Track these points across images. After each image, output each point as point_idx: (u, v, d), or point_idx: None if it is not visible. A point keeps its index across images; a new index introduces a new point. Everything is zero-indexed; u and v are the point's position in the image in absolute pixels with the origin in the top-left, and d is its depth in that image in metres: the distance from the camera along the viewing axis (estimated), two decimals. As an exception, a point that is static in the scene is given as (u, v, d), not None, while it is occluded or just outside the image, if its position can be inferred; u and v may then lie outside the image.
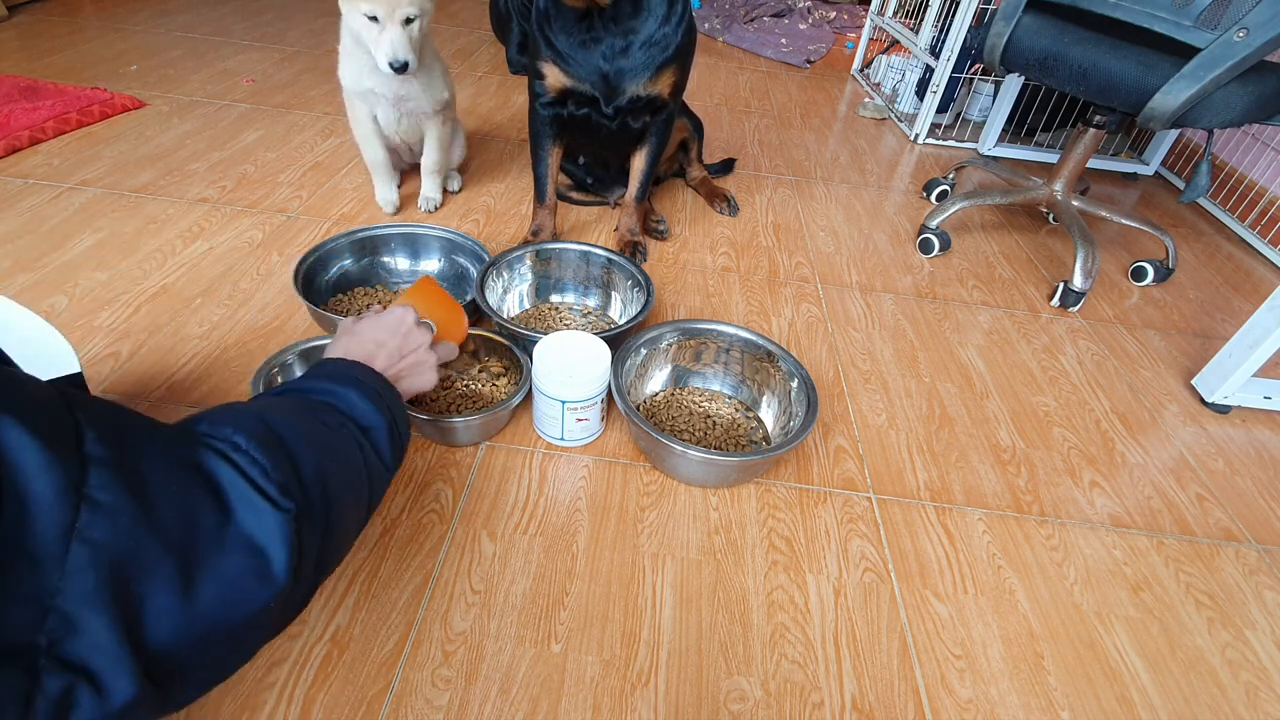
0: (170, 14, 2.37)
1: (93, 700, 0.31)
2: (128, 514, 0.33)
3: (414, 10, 1.10)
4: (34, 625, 0.29)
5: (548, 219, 1.28)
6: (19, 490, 0.29)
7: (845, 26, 3.15)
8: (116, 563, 0.32)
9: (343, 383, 0.56)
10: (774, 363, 0.95)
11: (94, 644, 0.31)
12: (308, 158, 1.55)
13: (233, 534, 0.38)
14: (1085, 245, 1.29)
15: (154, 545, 0.34)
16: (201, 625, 0.36)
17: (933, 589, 0.78)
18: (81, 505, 0.31)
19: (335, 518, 0.46)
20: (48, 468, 0.30)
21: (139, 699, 0.33)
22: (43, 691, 0.30)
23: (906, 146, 1.99)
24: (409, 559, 0.75)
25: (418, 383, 0.70)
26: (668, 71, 1.12)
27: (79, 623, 0.31)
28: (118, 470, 0.33)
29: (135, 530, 0.33)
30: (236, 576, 0.38)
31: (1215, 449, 1.03)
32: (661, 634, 0.71)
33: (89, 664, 0.31)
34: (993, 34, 1.28)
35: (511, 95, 2.03)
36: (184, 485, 0.37)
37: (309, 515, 0.43)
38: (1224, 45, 0.99)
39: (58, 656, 0.30)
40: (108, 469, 0.33)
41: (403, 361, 0.68)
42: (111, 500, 0.32)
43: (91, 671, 0.31)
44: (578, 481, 0.87)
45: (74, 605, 0.30)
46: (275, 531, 0.39)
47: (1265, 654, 0.76)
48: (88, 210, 1.28)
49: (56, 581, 0.30)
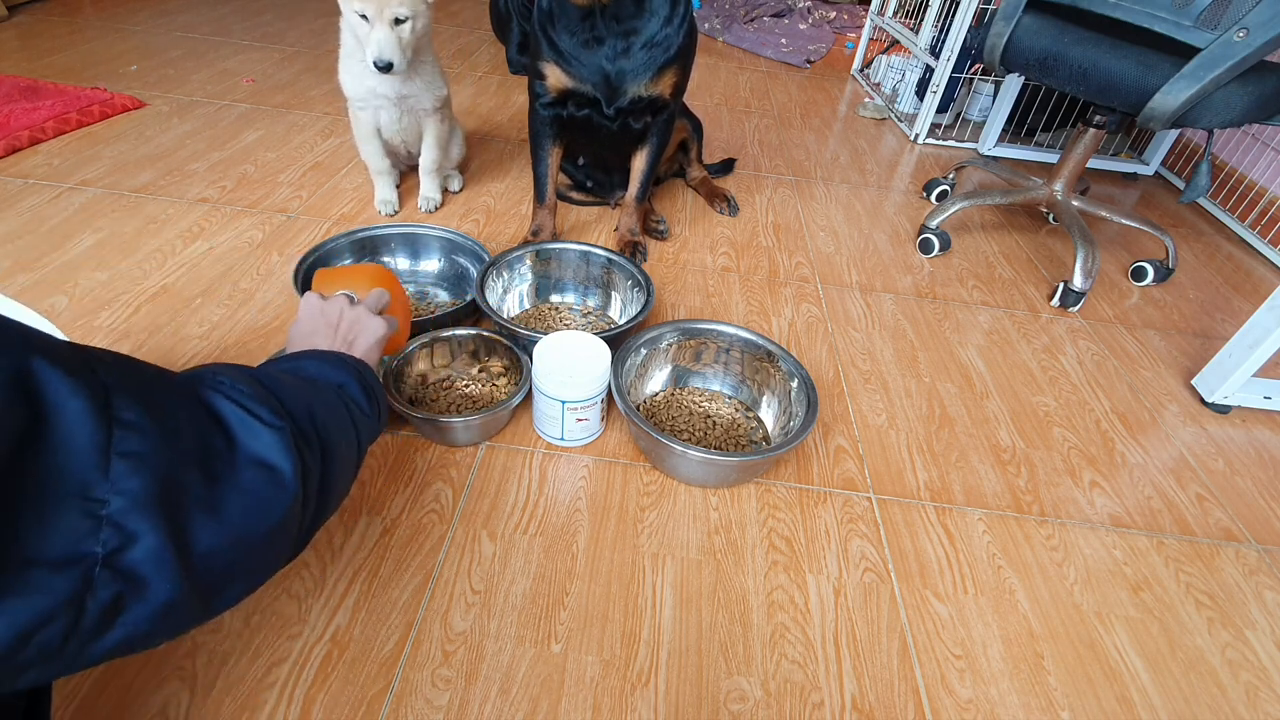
0: (170, 14, 2.37)
1: (138, 602, 0.34)
2: (154, 433, 0.35)
3: (404, 11, 1.10)
4: (90, 534, 0.32)
5: (548, 219, 1.28)
6: (57, 417, 0.32)
7: (845, 26, 3.15)
8: (155, 474, 0.35)
9: (298, 359, 0.59)
10: (774, 363, 0.95)
11: (145, 549, 0.34)
12: (308, 158, 1.55)
13: (241, 454, 0.41)
14: (1085, 245, 1.29)
15: (182, 460, 0.37)
16: (235, 533, 0.39)
17: (933, 589, 0.78)
18: (113, 424, 0.34)
19: (329, 446, 0.49)
20: (76, 394, 0.32)
21: (179, 599, 0.36)
22: (94, 595, 0.32)
23: (906, 146, 1.99)
24: (409, 559, 0.75)
25: (369, 337, 0.69)
26: (669, 72, 1.12)
27: (130, 530, 0.33)
28: (136, 396, 0.36)
29: (163, 447, 0.36)
30: (255, 487, 0.41)
31: (1215, 449, 1.03)
32: (661, 634, 0.71)
33: (139, 569, 0.34)
34: (993, 34, 1.28)
35: (511, 95, 2.03)
36: (192, 413, 0.40)
37: (302, 434, 0.46)
38: (1224, 45, 0.99)
39: (112, 565, 0.33)
40: (127, 394, 0.35)
41: (339, 331, 0.68)
42: (137, 419, 0.35)
43: (140, 576, 0.34)
44: (578, 481, 0.87)
45: (123, 515, 0.33)
46: (275, 446, 0.43)
47: (1265, 654, 0.76)
48: (88, 210, 1.28)
49: (105, 494, 0.33)
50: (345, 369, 0.59)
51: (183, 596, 0.36)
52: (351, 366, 0.60)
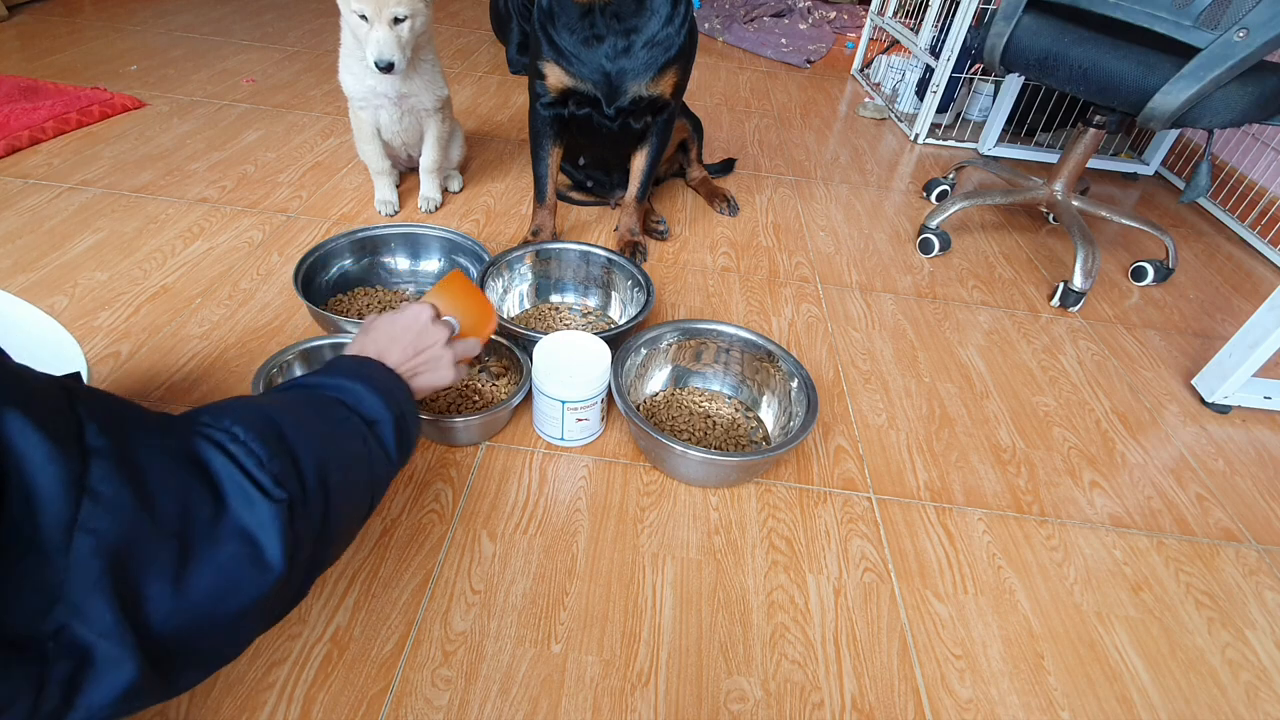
0: (170, 14, 2.37)
1: (96, 683, 0.33)
2: (128, 506, 0.34)
3: (403, 10, 1.10)
4: (43, 612, 0.31)
5: (548, 219, 1.28)
6: (25, 483, 0.30)
7: (845, 26, 3.15)
8: (117, 552, 0.33)
9: (351, 378, 0.57)
10: (774, 363, 0.95)
11: (97, 629, 0.32)
12: (308, 158, 1.55)
13: (226, 524, 0.39)
14: (1085, 245, 1.29)
15: (152, 536, 0.35)
16: (198, 611, 0.37)
17: (933, 589, 0.78)
18: (84, 498, 0.32)
19: (334, 510, 0.47)
20: (51, 461, 0.31)
21: (140, 682, 0.34)
22: (52, 675, 0.31)
23: (906, 146, 1.99)
24: (409, 559, 0.75)
25: (433, 379, 0.69)
26: (670, 72, 1.12)
27: (84, 609, 0.32)
28: (118, 462, 0.34)
29: (135, 521, 0.34)
30: (231, 565, 0.39)
31: (1215, 449, 1.03)
32: (661, 634, 0.71)
33: (93, 649, 0.32)
34: (993, 34, 1.28)
35: (511, 95, 2.03)
36: (180, 476, 0.38)
37: (305, 504, 0.44)
38: (1224, 45, 0.99)
39: (64, 641, 0.31)
40: (108, 461, 0.34)
41: (417, 358, 0.67)
42: (112, 493, 0.33)
43: (95, 655, 0.32)
44: (578, 481, 0.87)
45: (79, 593, 0.32)
46: (268, 521, 0.40)
47: (1265, 654, 0.76)
48: (88, 210, 1.28)
49: (62, 571, 0.31)
50: (389, 406, 0.57)
51: (142, 680, 0.34)
52: (396, 405, 0.58)
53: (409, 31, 1.13)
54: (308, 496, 0.44)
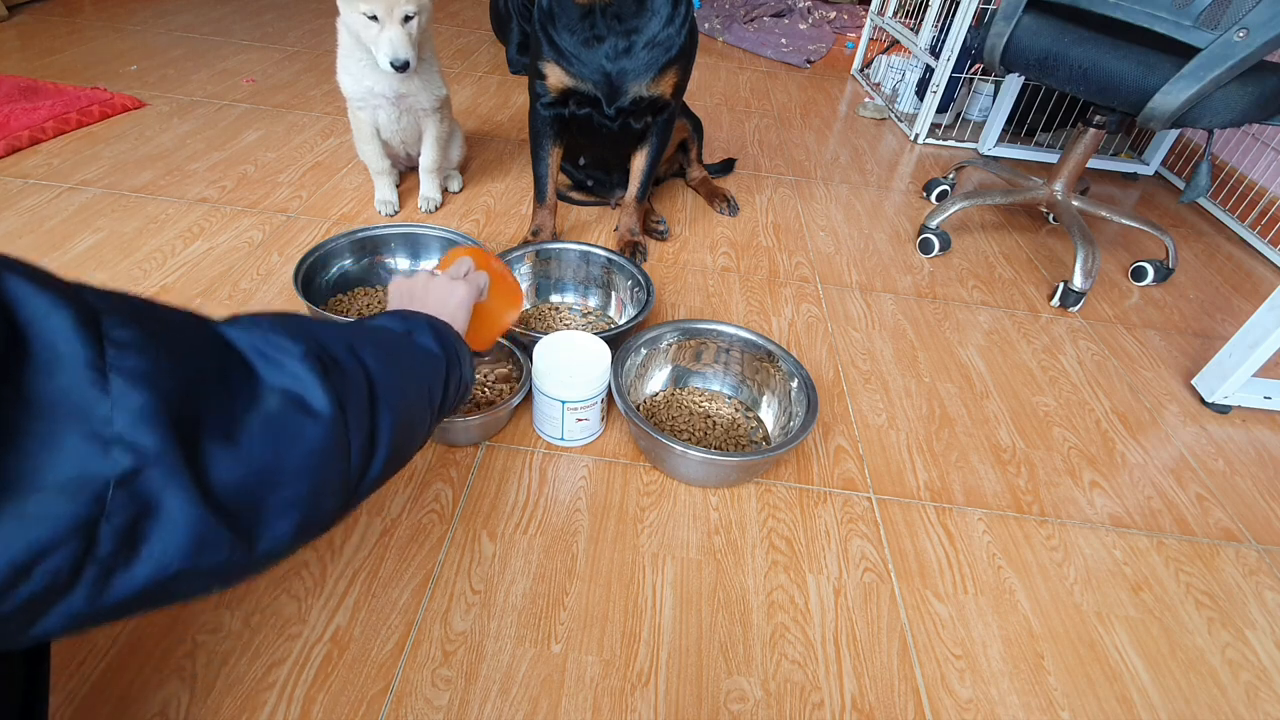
0: (170, 14, 2.37)
1: (160, 529, 0.32)
2: (155, 351, 0.33)
3: (412, 8, 1.10)
4: (98, 455, 0.30)
5: (548, 219, 1.28)
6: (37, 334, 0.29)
7: (845, 26, 3.15)
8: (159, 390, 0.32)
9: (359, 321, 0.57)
10: (774, 363, 0.95)
11: (157, 468, 0.31)
12: (308, 158, 1.55)
13: (261, 385, 0.38)
14: (1085, 245, 1.29)
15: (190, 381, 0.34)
16: (260, 463, 0.36)
17: (933, 589, 0.78)
18: (104, 341, 0.31)
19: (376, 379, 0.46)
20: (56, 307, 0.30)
21: (210, 530, 0.33)
22: (109, 521, 0.30)
23: (906, 146, 1.99)
24: (409, 559, 0.75)
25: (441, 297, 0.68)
26: (670, 72, 1.12)
27: (141, 448, 0.31)
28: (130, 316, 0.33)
29: (166, 365, 0.33)
30: (279, 414, 0.38)
31: (1215, 449, 1.03)
32: (661, 634, 0.71)
33: (152, 490, 0.31)
34: (993, 34, 1.28)
35: (511, 95, 2.03)
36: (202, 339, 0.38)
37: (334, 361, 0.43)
38: (1224, 45, 0.99)
39: (126, 486, 0.30)
40: (119, 314, 0.33)
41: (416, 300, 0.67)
42: (132, 337, 0.32)
43: (155, 498, 0.31)
44: (578, 481, 0.87)
45: (131, 432, 0.31)
46: (302, 374, 0.40)
47: (1265, 654, 0.76)
48: (88, 210, 1.28)
49: (107, 411, 0.30)
50: (412, 319, 0.57)
51: (211, 529, 0.33)
52: (421, 316, 0.58)
53: (417, 28, 1.14)
54: (333, 355, 0.43)
